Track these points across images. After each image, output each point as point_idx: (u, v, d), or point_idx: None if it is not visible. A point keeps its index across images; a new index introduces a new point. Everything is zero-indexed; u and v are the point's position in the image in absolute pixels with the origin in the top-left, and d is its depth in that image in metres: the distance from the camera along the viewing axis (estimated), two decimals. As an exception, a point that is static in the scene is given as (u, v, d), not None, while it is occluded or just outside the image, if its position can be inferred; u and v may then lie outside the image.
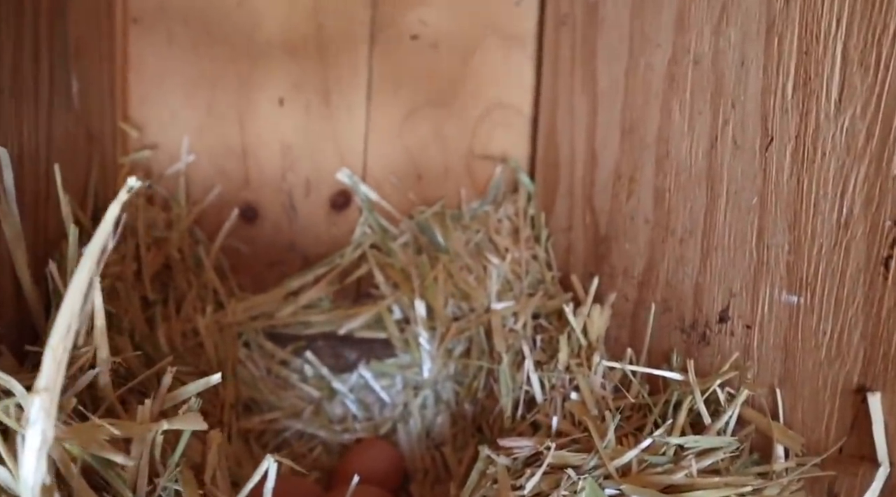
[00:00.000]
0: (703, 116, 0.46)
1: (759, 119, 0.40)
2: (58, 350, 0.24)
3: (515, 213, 0.77)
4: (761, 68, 0.40)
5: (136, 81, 0.70)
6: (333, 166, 0.76)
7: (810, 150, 0.36)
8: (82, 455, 0.30)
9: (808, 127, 0.36)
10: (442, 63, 0.77)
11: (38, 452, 0.23)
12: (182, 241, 0.69)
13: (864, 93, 0.33)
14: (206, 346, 0.65)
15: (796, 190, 0.37)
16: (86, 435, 0.29)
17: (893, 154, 0.32)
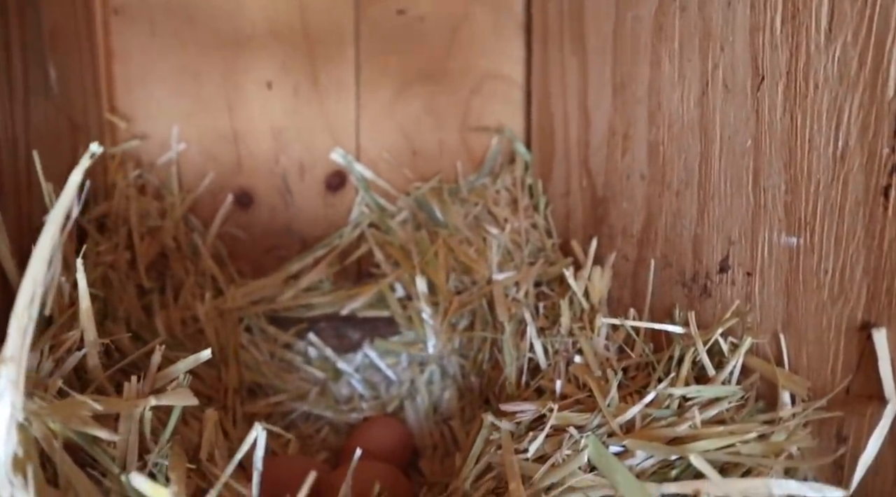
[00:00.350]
0: (692, 63, 0.45)
1: (749, 59, 0.39)
2: (22, 318, 0.23)
3: (513, 184, 0.76)
4: (748, 6, 0.39)
5: (121, 72, 0.70)
6: (326, 147, 0.75)
7: (802, 85, 0.35)
8: (64, 432, 0.29)
9: (799, 61, 0.35)
10: (430, 36, 0.76)
11: (7, 424, 0.23)
12: (177, 229, 0.68)
13: (855, 18, 0.32)
14: (206, 333, 0.65)
15: (790, 127, 0.36)
16: (67, 411, 0.29)
17: (888, 79, 0.31)
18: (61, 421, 0.28)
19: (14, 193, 0.43)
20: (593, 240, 0.58)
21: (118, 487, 0.30)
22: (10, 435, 0.23)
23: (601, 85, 0.57)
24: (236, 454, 0.31)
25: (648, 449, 0.35)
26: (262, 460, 0.32)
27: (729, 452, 0.33)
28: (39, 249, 0.24)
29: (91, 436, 0.31)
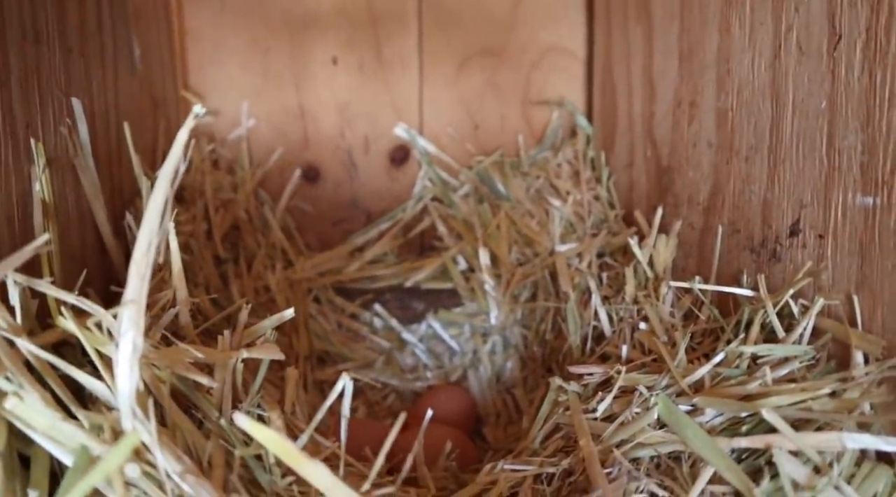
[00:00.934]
0: (764, 27, 0.44)
1: (826, 18, 0.38)
2: (141, 264, 0.25)
3: (575, 157, 0.77)
4: (824, -35, 0.38)
5: (193, 50, 0.72)
6: (390, 121, 0.77)
7: (883, 42, 0.34)
8: (170, 378, 0.31)
9: (881, 16, 0.34)
10: (492, 11, 0.77)
11: (130, 360, 0.25)
12: (248, 202, 0.71)
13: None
14: (277, 302, 0.68)
15: (868, 86, 0.35)
16: (173, 356, 0.31)
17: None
18: (168, 366, 0.30)
19: (106, 164, 0.45)
20: (659, 208, 0.58)
21: (217, 430, 0.32)
22: (133, 371, 0.25)
23: (667, 54, 0.57)
24: (325, 402, 0.33)
25: (719, 406, 0.36)
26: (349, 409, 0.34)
27: (801, 408, 0.33)
28: (154, 200, 0.26)
29: (192, 382, 0.33)
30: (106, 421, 0.27)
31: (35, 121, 0.35)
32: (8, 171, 0.32)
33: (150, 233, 0.26)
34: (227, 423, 0.33)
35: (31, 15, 0.35)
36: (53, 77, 0.37)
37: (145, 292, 0.25)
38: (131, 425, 0.25)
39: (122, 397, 0.25)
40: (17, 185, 0.33)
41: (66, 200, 0.38)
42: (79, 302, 0.30)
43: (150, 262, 0.26)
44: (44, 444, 0.25)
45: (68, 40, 0.39)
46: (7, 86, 0.32)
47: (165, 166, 0.27)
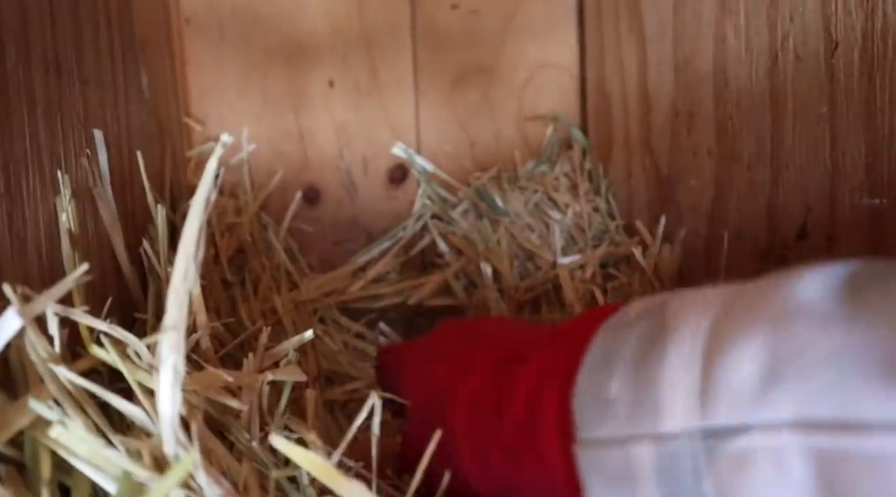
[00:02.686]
0: (760, 36, 0.45)
1: (821, 26, 0.40)
2: (179, 292, 0.26)
3: (572, 170, 0.78)
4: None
5: (194, 78, 0.73)
6: (388, 141, 0.78)
7: (880, 46, 0.36)
8: (202, 403, 0.32)
9: (877, 22, 0.36)
10: (484, 29, 0.78)
11: (172, 387, 0.25)
12: (252, 226, 0.71)
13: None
14: (284, 324, 0.68)
15: (869, 90, 0.37)
16: (204, 381, 0.31)
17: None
18: (201, 391, 0.31)
19: (120, 192, 0.46)
20: (661, 217, 0.59)
21: (249, 453, 0.32)
22: (175, 396, 0.25)
23: (661, 65, 0.58)
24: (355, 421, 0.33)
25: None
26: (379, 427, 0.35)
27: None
28: (189, 226, 0.27)
29: (221, 406, 0.33)
30: (145, 447, 0.27)
31: (58, 152, 0.35)
32: (35, 203, 0.32)
33: (187, 260, 0.26)
34: (259, 446, 0.33)
35: (53, 47, 0.35)
36: (74, 108, 0.37)
37: (184, 319, 0.25)
38: (174, 451, 0.25)
39: (165, 423, 0.25)
40: (43, 215, 0.33)
41: (87, 230, 0.39)
42: (111, 330, 0.30)
43: (188, 290, 0.26)
44: (87, 471, 0.26)
45: (85, 71, 0.39)
46: (34, 118, 0.32)
47: (198, 194, 0.27)
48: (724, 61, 0.50)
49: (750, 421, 0.21)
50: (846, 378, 0.20)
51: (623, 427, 0.24)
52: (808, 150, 0.42)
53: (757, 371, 0.21)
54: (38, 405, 0.25)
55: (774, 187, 0.45)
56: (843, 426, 0.19)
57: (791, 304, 0.22)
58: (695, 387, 0.23)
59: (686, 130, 0.55)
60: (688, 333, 0.24)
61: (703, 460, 0.22)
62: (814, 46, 0.40)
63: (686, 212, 0.57)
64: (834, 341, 0.20)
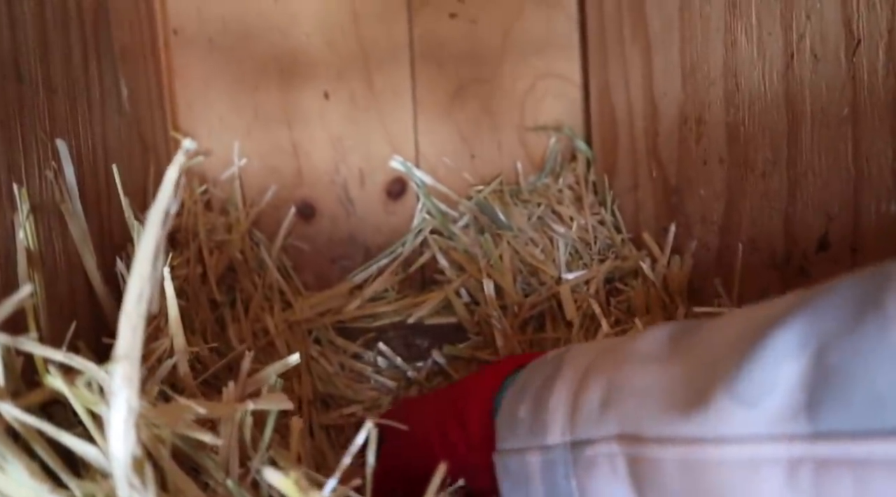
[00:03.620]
0: (773, 37, 0.43)
1: (842, 24, 0.37)
2: (132, 316, 0.23)
3: (576, 182, 0.75)
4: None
5: (181, 90, 0.71)
6: (385, 154, 0.75)
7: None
8: (170, 437, 0.29)
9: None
10: (483, 39, 0.76)
11: (125, 423, 0.22)
12: (243, 243, 0.69)
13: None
14: (277, 345, 0.65)
15: (895, 88, 0.34)
16: (172, 414, 0.28)
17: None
18: (168, 424, 0.28)
19: (95, 208, 0.43)
20: (671, 228, 0.56)
21: (225, 492, 0.29)
22: (128, 435, 0.22)
23: (668, 71, 0.56)
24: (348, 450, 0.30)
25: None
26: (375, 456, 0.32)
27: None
28: (143, 246, 0.24)
29: (194, 441, 0.30)
30: (100, 490, 0.24)
31: (18, 164, 0.32)
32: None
33: (141, 281, 0.23)
34: (236, 485, 0.30)
35: (13, 52, 0.33)
36: (37, 118, 0.35)
37: (139, 346, 0.23)
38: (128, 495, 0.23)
39: (116, 465, 0.22)
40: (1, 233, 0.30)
41: (54, 247, 0.36)
42: (67, 359, 0.27)
43: (142, 314, 0.23)
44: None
45: (52, 80, 0.37)
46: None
47: (154, 208, 0.25)
48: (735, 65, 0.47)
49: (593, 435, 0.30)
50: (648, 405, 0.28)
51: (523, 441, 0.33)
52: (828, 156, 0.39)
53: (599, 399, 0.30)
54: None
55: (792, 196, 0.42)
56: (641, 439, 0.27)
57: (631, 351, 0.31)
58: (567, 412, 0.31)
59: (695, 138, 0.53)
60: (570, 373, 0.33)
61: (570, 465, 0.30)
62: (833, 45, 0.38)
63: (696, 223, 0.54)
64: (648, 377, 0.29)
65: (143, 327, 0.23)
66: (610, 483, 0.28)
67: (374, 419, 0.28)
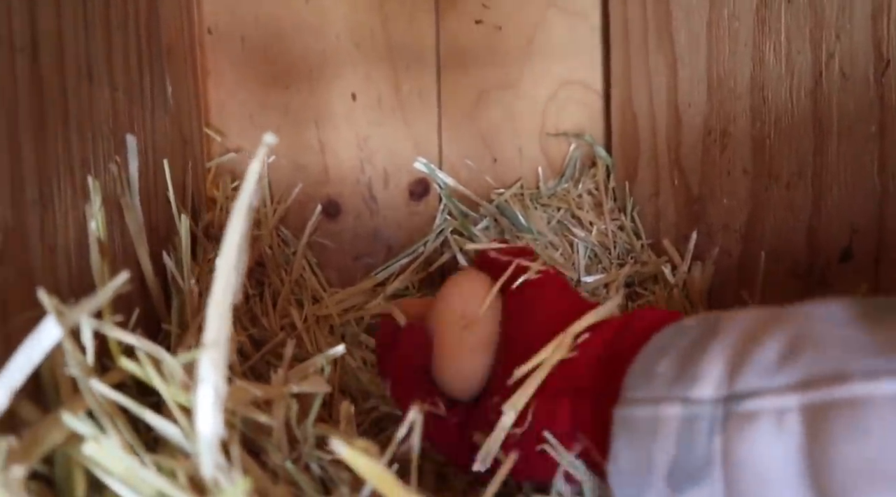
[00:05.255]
0: (802, 55, 0.45)
1: (871, 46, 0.39)
2: (220, 304, 0.25)
3: (596, 187, 0.77)
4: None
5: (214, 88, 0.72)
6: (409, 155, 0.77)
7: (936, 66, 0.35)
8: (236, 422, 0.30)
9: (932, 41, 0.35)
10: (507, 45, 0.77)
11: (212, 406, 0.24)
12: (271, 239, 0.70)
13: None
14: (304, 339, 0.66)
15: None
16: (236, 397, 0.30)
17: None
18: (233, 407, 0.29)
19: (145, 202, 0.45)
20: (693, 235, 0.58)
21: (284, 474, 0.31)
22: (215, 418, 0.24)
23: (694, 82, 0.58)
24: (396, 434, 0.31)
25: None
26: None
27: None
28: (230, 236, 0.25)
29: (252, 423, 0.32)
30: (180, 467, 0.26)
31: (89, 159, 0.34)
32: (66, 210, 0.31)
33: (228, 271, 0.25)
34: (293, 465, 0.31)
35: (86, 53, 0.34)
36: (104, 115, 0.36)
37: (226, 334, 0.24)
38: (213, 474, 0.24)
39: (204, 445, 0.24)
40: (73, 223, 0.32)
41: (114, 239, 0.38)
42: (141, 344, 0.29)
43: (229, 302, 0.25)
44: (121, 491, 0.24)
45: (115, 78, 0.39)
46: (67, 123, 0.31)
47: (239, 200, 0.26)
48: (762, 80, 0.49)
49: (761, 386, 0.26)
50: (850, 346, 0.24)
51: (660, 391, 0.29)
52: (854, 171, 0.41)
53: (777, 352, 0.26)
54: (73, 420, 0.24)
55: (816, 208, 0.44)
56: (831, 379, 0.24)
57: (809, 314, 0.28)
58: (726, 368, 0.27)
59: (720, 149, 0.54)
60: (731, 334, 0.29)
61: (719, 420, 0.26)
62: (863, 65, 0.39)
63: (718, 231, 0.56)
64: (844, 331, 0.25)
65: (230, 316, 0.25)
66: (769, 441, 0.25)
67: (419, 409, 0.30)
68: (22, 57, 0.27)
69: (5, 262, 0.26)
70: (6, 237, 0.26)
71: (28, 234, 0.28)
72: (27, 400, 0.25)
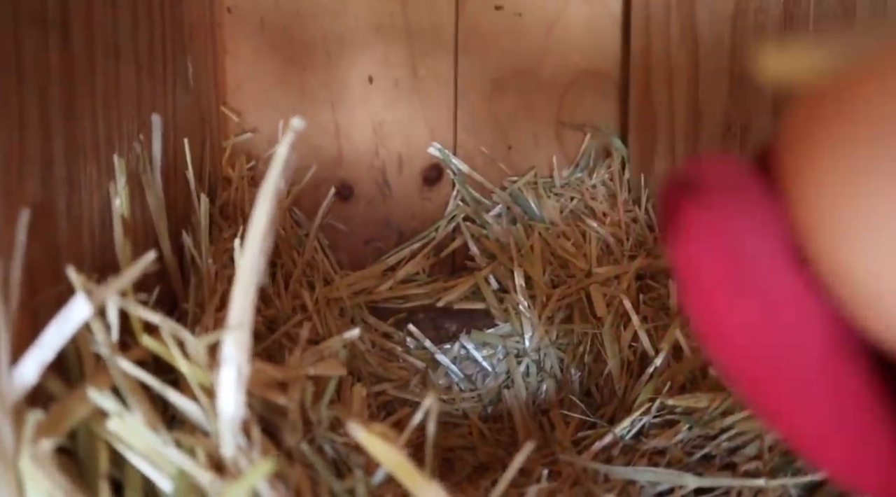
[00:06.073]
0: (827, 52, 0.44)
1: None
2: (245, 287, 0.25)
3: (610, 178, 0.77)
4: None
5: (232, 68, 0.72)
6: (424, 140, 0.77)
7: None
8: (256, 404, 0.31)
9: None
10: (527, 32, 0.77)
11: (235, 387, 0.24)
12: (285, 220, 0.71)
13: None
14: (315, 321, 0.67)
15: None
16: (255, 378, 0.30)
17: None
18: (253, 389, 0.30)
19: (165, 181, 0.45)
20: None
21: (299, 456, 0.32)
22: (238, 398, 0.24)
23: (715, 77, 0.57)
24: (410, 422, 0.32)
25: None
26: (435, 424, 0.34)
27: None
28: (256, 221, 0.26)
29: (269, 404, 0.32)
30: (200, 446, 0.26)
31: (114, 138, 0.34)
32: (91, 188, 0.32)
33: (254, 254, 0.25)
34: (308, 447, 0.32)
35: (114, 32, 0.34)
36: (129, 93, 0.37)
37: (250, 316, 0.25)
38: (233, 454, 0.25)
39: (225, 425, 0.24)
40: (97, 200, 0.32)
41: (135, 216, 0.38)
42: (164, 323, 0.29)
43: (255, 285, 0.25)
44: (143, 467, 0.25)
45: (140, 57, 0.39)
46: (94, 102, 0.31)
47: (266, 184, 0.26)
48: (785, 76, 0.48)
49: None
50: None
51: None
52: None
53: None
54: (98, 395, 0.24)
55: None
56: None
57: None
58: None
59: (739, 144, 0.54)
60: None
61: None
62: (888, 65, 0.39)
63: (733, 227, 0.56)
64: None
65: (255, 298, 0.25)
66: None
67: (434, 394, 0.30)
68: (54, 34, 0.28)
69: (33, 239, 0.26)
70: (35, 215, 0.26)
71: (56, 212, 0.28)
72: (53, 375, 0.25)
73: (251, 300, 0.25)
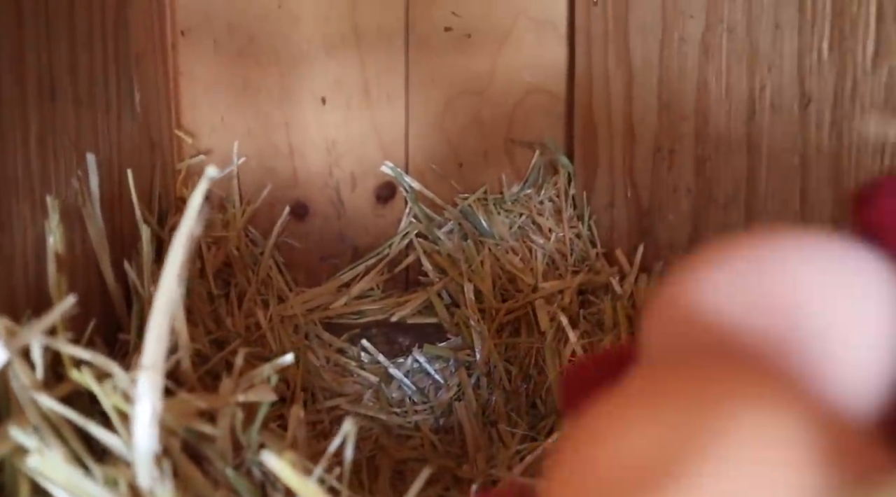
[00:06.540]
0: (740, 84, 0.47)
1: (797, 81, 0.41)
2: (158, 330, 0.27)
3: (557, 195, 0.79)
4: (796, 30, 0.41)
5: (186, 90, 0.74)
6: (377, 159, 0.79)
7: (848, 107, 0.37)
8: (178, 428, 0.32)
9: (846, 82, 0.37)
10: (476, 52, 0.79)
11: (149, 424, 0.26)
12: (239, 239, 0.72)
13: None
14: (268, 339, 0.69)
15: (838, 146, 0.38)
16: (179, 408, 0.32)
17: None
18: (175, 418, 0.32)
19: (108, 209, 0.46)
20: (639, 248, 0.60)
21: (224, 481, 0.33)
22: (151, 434, 0.26)
23: (646, 100, 0.60)
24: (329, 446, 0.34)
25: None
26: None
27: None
28: (170, 263, 0.27)
29: (196, 432, 0.34)
30: (122, 476, 0.28)
31: (49, 175, 0.36)
32: (25, 226, 0.33)
33: (166, 299, 0.27)
34: (234, 472, 0.34)
35: (49, 71, 0.36)
36: (66, 130, 0.38)
37: (163, 357, 0.26)
38: (149, 485, 0.26)
39: (140, 459, 0.26)
40: (31, 237, 0.34)
41: (75, 248, 0.39)
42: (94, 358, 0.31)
43: (167, 328, 0.27)
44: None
45: (79, 93, 0.40)
46: (27, 141, 0.33)
47: (180, 232, 0.28)
48: (706, 104, 0.51)
49: None
50: None
51: None
52: (780, 199, 0.43)
53: None
54: (18, 433, 0.26)
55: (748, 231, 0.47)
56: None
57: None
58: None
59: (667, 166, 0.57)
60: None
61: None
62: (789, 99, 0.42)
63: (664, 246, 0.58)
64: None
65: (167, 340, 0.27)
66: None
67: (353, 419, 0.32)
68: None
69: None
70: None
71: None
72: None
73: (164, 341, 0.27)
